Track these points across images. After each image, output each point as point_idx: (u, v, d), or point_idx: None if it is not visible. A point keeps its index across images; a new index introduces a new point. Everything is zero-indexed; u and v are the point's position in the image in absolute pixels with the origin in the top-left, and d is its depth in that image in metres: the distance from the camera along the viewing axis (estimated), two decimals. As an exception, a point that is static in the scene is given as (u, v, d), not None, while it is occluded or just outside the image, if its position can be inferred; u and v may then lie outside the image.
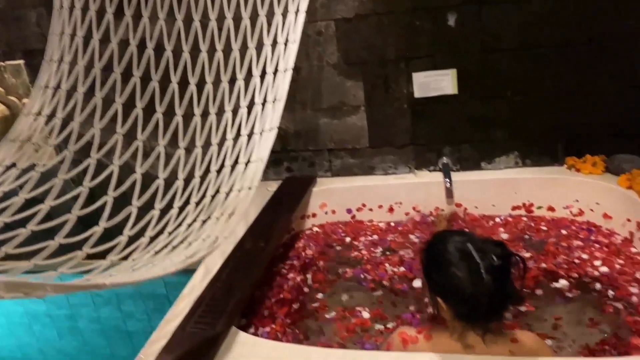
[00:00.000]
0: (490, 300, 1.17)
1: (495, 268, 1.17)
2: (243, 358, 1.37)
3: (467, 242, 1.21)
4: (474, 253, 1.19)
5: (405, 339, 1.35)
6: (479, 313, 1.21)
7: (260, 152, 1.36)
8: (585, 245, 1.96)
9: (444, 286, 1.25)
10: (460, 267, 1.19)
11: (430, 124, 2.25)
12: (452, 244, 1.24)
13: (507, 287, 1.19)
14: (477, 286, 1.17)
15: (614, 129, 2.10)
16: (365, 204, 2.35)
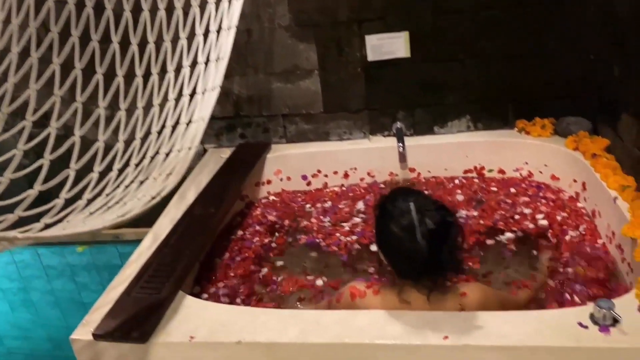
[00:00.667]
0: (425, 262, 1.18)
1: (430, 232, 1.16)
2: (189, 321, 1.35)
3: (411, 202, 1.20)
4: (413, 213, 1.18)
5: (353, 293, 1.36)
6: (415, 272, 1.24)
7: (202, 111, 1.32)
8: (532, 200, 2.01)
9: (383, 241, 1.26)
10: (398, 224, 1.20)
11: (384, 89, 2.24)
12: (398, 201, 1.24)
13: (444, 252, 1.18)
14: (411, 246, 1.17)
15: (562, 91, 2.13)
16: (321, 170, 2.34)
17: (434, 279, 1.26)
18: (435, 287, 1.27)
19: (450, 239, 1.19)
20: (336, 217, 2.09)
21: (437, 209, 1.20)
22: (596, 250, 1.70)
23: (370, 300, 1.33)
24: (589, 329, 1.17)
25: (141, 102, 1.47)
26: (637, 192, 1.61)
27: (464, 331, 1.20)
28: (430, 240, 1.17)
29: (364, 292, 1.35)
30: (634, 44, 1.67)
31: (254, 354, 1.27)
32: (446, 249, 1.18)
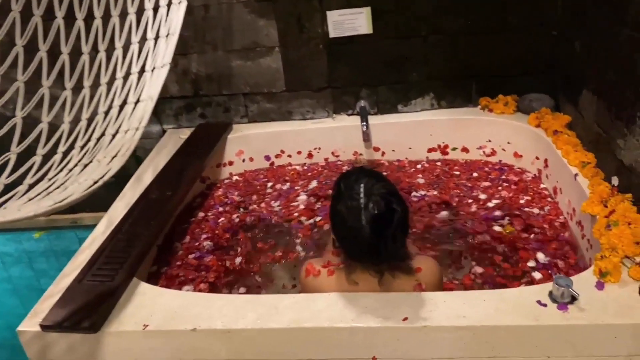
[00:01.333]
0: (369, 245, 1.16)
1: (374, 217, 1.14)
2: (143, 309, 1.30)
3: (362, 183, 1.18)
4: (361, 196, 1.16)
5: (308, 270, 1.34)
6: (359, 254, 1.22)
7: (151, 90, 1.25)
8: (493, 184, 2.00)
9: (332, 219, 1.24)
10: (346, 205, 1.17)
11: (347, 66, 2.19)
12: (351, 181, 1.21)
13: (388, 238, 1.15)
14: (355, 228, 1.15)
15: (526, 67, 2.12)
16: (284, 151, 2.29)
17: (378, 265, 1.24)
18: (386, 270, 1.25)
19: (395, 226, 1.15)
20: (289, 199, 2.06)
21: (386, 194, 1.17)
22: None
23: (323, 280, 1.31)
24: (547, 307, 1.17)
25: (87, 80, 1.39)
26: (596, 169, 1.61)
27: (424, 312, 1.19)
28: (373, 224, 1.14)
29: (318, 270, 1.33)
30: (594, 19, 1.66)
31: (210, 342, 1.24)
32: (390, 235, 1.15)
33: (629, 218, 1.33)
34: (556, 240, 1.65)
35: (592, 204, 1.47)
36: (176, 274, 1.64)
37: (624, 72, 1.43)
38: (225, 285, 1.62)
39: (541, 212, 1.81)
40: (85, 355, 1.28)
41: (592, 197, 1.49)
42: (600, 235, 1.34)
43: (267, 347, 1.23)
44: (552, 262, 1.58)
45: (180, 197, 1.80)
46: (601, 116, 1.62)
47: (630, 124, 1.41)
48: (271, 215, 1.95)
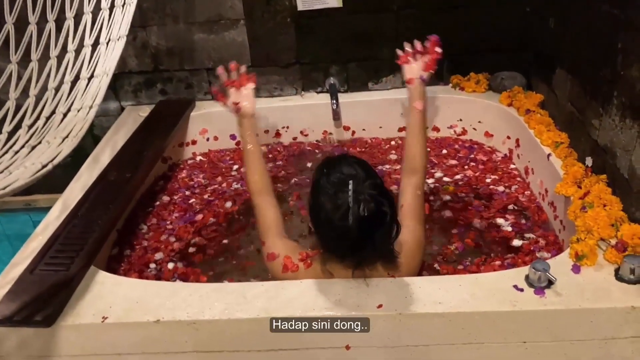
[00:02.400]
0: (355, 245, 1.12)
1: (362, 219, 1.08)
2: (102, 300, 1.22)
3: (350, 179, 1.11)
4: (350, 194, 1.09)
5: (286, 265, 1.28)
6: (341, 251, 1.18)
7: (106, 64, 1.15)
8: (460, 163, 1.98)
9: (315, 211, 1.17)
10: (332, 200, 1.11)
11: (316, 41, 2.11)
12: (337, 173, 1.15)
13: (375, 239, 1.11)
14: (341, 225, 1.09)
15: (498, 45, 2.07)
16: (250, 129, 2.20)
17: (359, 262, 1.19)
18: (360, 267, 1.20)
19: (383, 228, 1.11)
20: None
21: (376, 195, 1.10)
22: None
23: (301, 274, 1.26)
24: (524, 291, 1.14)
25: (36, 54, 1.27)
26: (569, 149, 1.59)
27: (398, 299, 1.15)
28: (361, 225, 1.08)
29: (296, 266, 1.28)
30: (570, -4, 1.62)
31: (176, 334, 1.17)
32: (377, 236, 1.11)
33: (604, 200, 1.31)
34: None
35: (566, 185, 1.45)
36: (142, 255, 1.57)
37: (601, 50, 1.40)
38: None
39: (507, 190, 1.80)
40: (39, 350, 1.20)
41: (566, 178, 1.47)
42: (575, 217, 1.32)
43: (235, 338, 1.17)
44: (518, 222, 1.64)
45: (141, 179, 1.71)
46: (575, 95, 1.60)
47: (606, 103, 1.38)
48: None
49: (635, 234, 1.19)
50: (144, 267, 1.56)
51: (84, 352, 1.21)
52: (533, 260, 1.45)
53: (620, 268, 1.15)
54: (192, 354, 1.19)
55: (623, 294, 1.11)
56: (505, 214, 1.69)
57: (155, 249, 1.64)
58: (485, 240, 1.60)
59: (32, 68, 1.26)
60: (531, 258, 1.49)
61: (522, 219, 1.67)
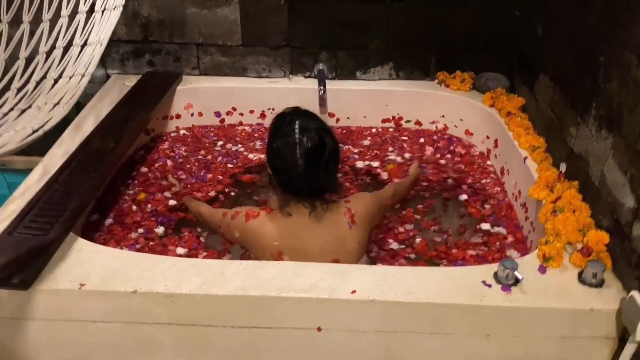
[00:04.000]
0: (303, 179, 1.27)
1: (307, 150, 1.24)
2: (80, 267, 1.23)
3: (297, 120, 1.27)
4: (296, 130, 1.25)
5: (249, 214, 1.39)
6: (294, 187, 1.31)
7: (100, 33, 1.14)
8: (436, 152, 2.05)
9: (269, 154, 1.32)
10: (282, 141, 1.27)
11: (308, 25, 2.11)
12: (286, 119, 1.30)
13: (321, 172, 1.27)
14: (290, 162, 1.25)
15: (485, 45, 2.11)
16: (236, 108, 2.21)
17: (312, 198, 1.33)
18: (318, 203, 1.34)
19: (327, 158, 1.27)
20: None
21: (319, 129, 1.27)
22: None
23: (263, 219, 1.37)
24: (492, 287, 1.19)
25: (27, 15, 1.25)
26: (545, 154, 1.64)
27: (372, 285, 1.19)
28: (307, 158, 1.24)
29: (258, 213, 1.38)
30: (560, 4, 1.66)
31: (152, 306, 1.19)
32: (322, 167, 1.27)
33: (574, 205, 1.37)
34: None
35: (538, 188, 1.50)
36: (117, 228, 1.58)
37: (585, 61, 1.45)
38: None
39: (480, 182, 1.88)
40: (13, 312, 1.20)
41: (539, 181, 1.53)
42: (545, 220, 1.38)
43: (211, 314, 1.20)
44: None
45: (124, 149, 1.71)
46: (556, 102, 1.65)
47: (584, 113, 1.43)
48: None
49: (600, 241, 1.25)
50: (125, 236, 1.57)
51: (58, 317, 1.21)
52: (503, 257, 1.54)
53: (584, 272, 1.21)
54: (166, 325, 1.21)
55: (584, 297, 1.17)
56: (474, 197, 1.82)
57: (136, 221, 1.65)
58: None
59: (24, 30, 1.25)
60: (500, 255, 1.55)
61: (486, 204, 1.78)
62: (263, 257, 1.36)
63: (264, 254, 1.36)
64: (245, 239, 1.41)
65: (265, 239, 1.35)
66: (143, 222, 1.64)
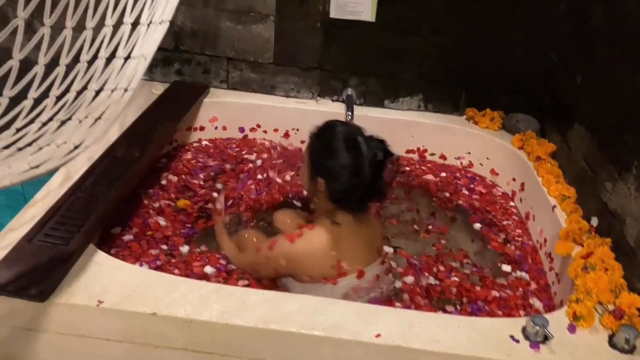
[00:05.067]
0: (365, 190, 1.32)
1: (376, 162, 1.30)
2: (98, 282, 1.20)
3: (358, 134, 1.33)
4: (362, 144, 1.30)
5: (291, 236, 1.37)
6: (353, 199, 1.34)
7: (145, 47, 1.12)
8: (456, 191, 2.03)
9: (328, 169, 1.32)
10: (348, 154, 1.30)
11: (341, 50, 2.10)
12: (343, 132, 1.34)
13: (380, 182, 1.33)
14: (358, 175, 1.29)
15: (517, 86, 2.10)
16: (260, 125, 2.19)
17: (360, 208, 1.39)
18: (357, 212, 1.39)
19: (386, 169, 1.33)
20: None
21: (379, 141, 1.33)
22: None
23: (310, 236, 1.36)
24: (520, 343, 1.16)
25: (70, 20, 1.23)
26: (576, 205, 1.61)
27: (397, 330, 1.15)
28: (375, 170, 1.30)
29: (301, 232, 1.37)
30: (605, 57, 1.64)
31: (170, 329, 1.15)
32: (382, 179, 1.33)
33: (606, 264, 1.34)
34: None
35: (565, 244, 1.45)
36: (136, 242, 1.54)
37: (628, 118, 1.42)
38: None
39: (501, 222, 1.85)
40: (27, 323, 1.17)
41: (564, 236, 1.47)
42: (575, 276, 1.34)
43: (229, 343, 1.16)
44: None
45: (149, 160, 1.68)
46: (591, 154, 1.62)
47: (624, 170, 1.40)
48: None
49: (633, 304, 1.22)
50: (145, 251, 1.53)
51: (72, 331, 1.18)
52: (526, 304, 1.50)
53: (615, 336, 1.17)
54: (181, 351, 1.18)
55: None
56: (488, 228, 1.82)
57: (161, 237, 1.59)
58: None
59: (65, 35, 1.23)
60: (523, 302, 1.51)
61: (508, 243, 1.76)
62: (320, 273, 1.37)
63: (321, 269, 1.37)
64: (295, 261, 1.38)
65: (321, 253, 1.36)
66: (172, 237, 1.59)
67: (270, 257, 1.39)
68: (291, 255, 1.37)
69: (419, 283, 1.53)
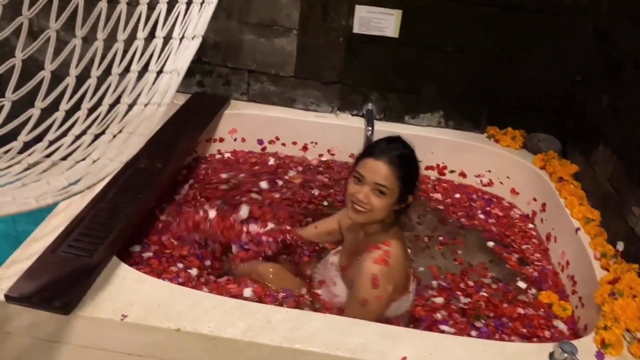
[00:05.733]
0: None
1: None
2: (122, 296, 1.19)
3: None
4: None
5: (382, 260, 1.29)
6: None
7: (178, 62, 1.12)
8: (468, 212, 2.01)
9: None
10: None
11: (362, 65, 2.10)
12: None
13: None
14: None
15: (540, 105, 2.08)
16: (279, 138, 2.19)
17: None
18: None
19: None
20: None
21: None
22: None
23: (396, 251, 1.33)
24: (547, 369, 1.14)
25: (102, 32, 1.23)
26: (600, 228, 1.59)
27: (424, 353, 1.14)
28: None
29: (388, 251, 1.32)
30: (632, 78, 1.62)
31: (193, 345, 1.14)
32: None
33: (634, 290, 1.32)
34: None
35: (603, 293, 1.38)
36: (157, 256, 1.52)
37: (657, 142, 1.41)
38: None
39: (522, 246, 1.83)
40: (49, 335, 1.16)
41: (603, 284, 1.40)
42: (602, 302, 1.32)
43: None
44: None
45: (172, 172, 1.68)
46: (617, 177, 1.60)
47: (652, 195, 1.39)
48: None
49: (663, 333, 1.20)
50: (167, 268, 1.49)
51: (94, 345, 1.17)
52: (549, 324, 1.48)
53: (645, 365, 1.15)
54: (203, 367, 1.17)
55: (646, 393, 1.12)
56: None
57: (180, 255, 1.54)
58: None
59: (97, 47, 1.23)
60: (546, 323, 1.49)
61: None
62: (406, 283, 1.38)
63: (407, 279, 1.38)
64: (397, 280, 1.33)
65: (407, 264, 1.39)
66: (188, 257, 1.53)
67: (382, 293, 1.29)
68: (391, 276, 1.30)
69: (453, 304, 1.53)
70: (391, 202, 1.32)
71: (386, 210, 1.33)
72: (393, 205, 1.33)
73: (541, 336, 1.44)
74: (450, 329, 1.42)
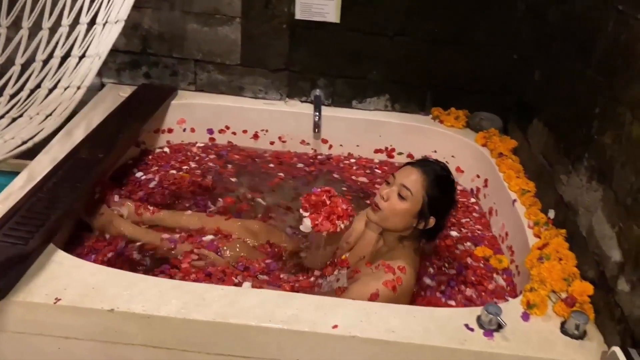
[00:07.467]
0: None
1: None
2: (57, 280, 1.20)
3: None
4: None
5: (387, 284, 1.33)
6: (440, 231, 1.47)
7: (99, 47, 1.13)
8: None
9: (446, 210, 1.41)
10: (455, 198, 1.44)
11: (308, 51, 2.12)
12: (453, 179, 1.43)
13: None
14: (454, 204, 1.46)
15: (481, 85, 2.14)
16: (229, 127, 2.20)
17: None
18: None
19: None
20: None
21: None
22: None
23: (408, 277, 1.37)
24: (474, 331, 1.18)
25: (27, 21, 1.24)
26: (535, 198, 1.65)
27: (354, 321, 1.17)
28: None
29: (399, 278, 1.35)
30: (559, 53, 1.68)
31: (128, 325, 1.16)
32: None
33: (560, 254, 1.37)
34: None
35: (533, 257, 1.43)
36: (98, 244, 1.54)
37: (580, 111, 1.46)
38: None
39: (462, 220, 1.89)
40: (-18, 322, 1.17)
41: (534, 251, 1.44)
42: (531, 267, 1.37)
43: (188, 338, 1.17)
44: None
45: (113, 161, 1.68)
46: (548, 148, 1.66)
47: (577, 162, 1.44)
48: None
49: (585, 291, 1.25)
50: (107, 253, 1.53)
51: (30, 330, 1.18)
52: (491, 278, 1.54)
53: (567, 322, 1.20)
54: (139, 347, 1.19)
55: (565, 348, 1.16)
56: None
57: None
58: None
59: (22, 35, 1.23)
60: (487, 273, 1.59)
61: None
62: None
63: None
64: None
65: (414, 291, 1.44)
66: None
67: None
68: (391, 301, 1.31)
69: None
70: (410, 211, 1.35)
71: (403, 219, 1.36)
72: (412, 216, 1.36)
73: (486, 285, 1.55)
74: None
